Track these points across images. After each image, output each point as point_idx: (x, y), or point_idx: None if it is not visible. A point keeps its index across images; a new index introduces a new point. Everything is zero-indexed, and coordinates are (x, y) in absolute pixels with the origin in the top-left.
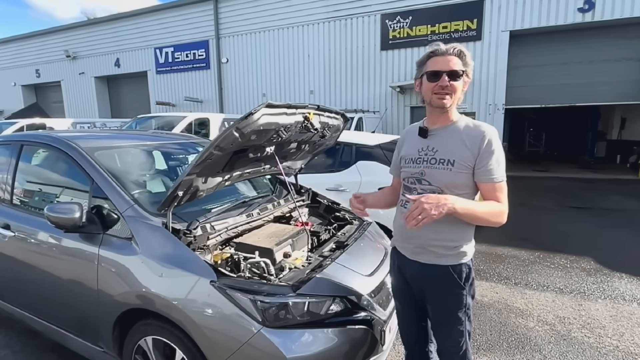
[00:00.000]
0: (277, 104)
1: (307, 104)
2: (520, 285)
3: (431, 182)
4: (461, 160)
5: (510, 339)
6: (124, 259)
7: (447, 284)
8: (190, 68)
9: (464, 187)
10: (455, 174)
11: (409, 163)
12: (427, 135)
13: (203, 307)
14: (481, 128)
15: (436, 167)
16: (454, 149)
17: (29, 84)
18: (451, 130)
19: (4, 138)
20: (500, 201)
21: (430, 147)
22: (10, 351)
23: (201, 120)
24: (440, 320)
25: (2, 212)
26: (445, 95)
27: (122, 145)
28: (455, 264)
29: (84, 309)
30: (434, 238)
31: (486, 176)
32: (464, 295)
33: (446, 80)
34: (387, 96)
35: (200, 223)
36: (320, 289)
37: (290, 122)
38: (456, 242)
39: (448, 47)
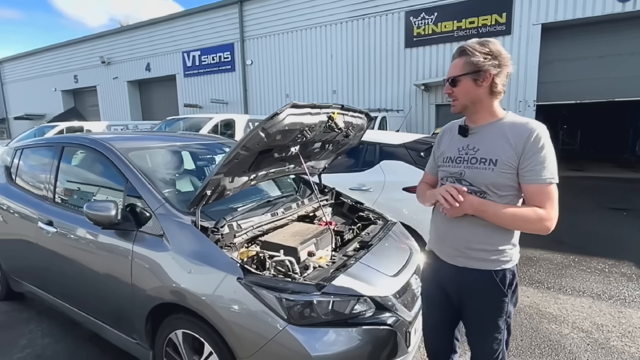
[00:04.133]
0: (302, 104)
1: (331, 103)
2: (554, 289)
3: (472, 182)
4: (504, 160)
5: (542, 345)
6: (155, 255)
7: (488, 290)
8: (216, 70)
9: (508, 188)
10: (498, 174)
11: (447, 162)
12: (468, 133)
13: (230, 303)
14: (528, 125)
15: (477, 167)
16: (496, 147)
17: (68, 89)
18: (494, 128)
19: (47, 140)
20: (543, 206)
21: (471, 146)
22: (53, 339)
23: (227, 122)
24: (478, 327)
25: (46, 210)
26: (453, 102)
27: (153, 146)
28: (498, 269)
29: (119, 302)
30: (473, 241)
31: (530, 177)
32: (506, 303)
33: (448, 87)
34: (411, 94)
35: (227, 221)
36: (344, 289)
37: (315, 122)
38: (498, 246)
39: (455, 50)
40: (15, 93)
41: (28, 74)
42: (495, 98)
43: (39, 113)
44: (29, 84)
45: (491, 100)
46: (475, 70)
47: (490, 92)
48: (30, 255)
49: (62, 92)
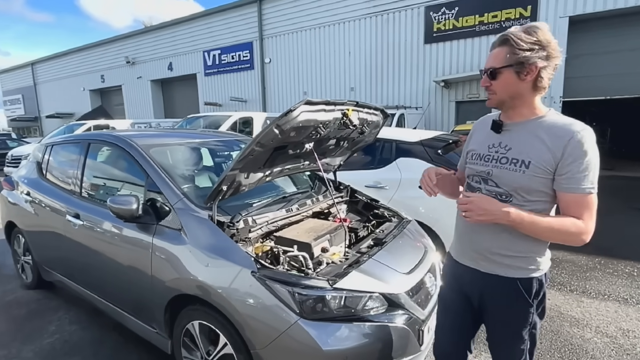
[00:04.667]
0: (316, 100)
1: (346, 100)
2: (577, 292)
3: (499, 183)
4: (538, 163)
5: (563, 349)
6: (174, 248)
7: (512, 299)
8: (235, 69)
9: (539, 193)
10: (530, 178)
11: (475, 159)
12: (502, 130)
13: (244, 296)
14: (572, 127)
15: (506, 168)
16: (530, 148)
17: (95, 88)
18: (531, 127)
19: (74, 137)
20: (582, 217)
21: (503, 144)
22: (79, 327)
23: (245, 119)
24: (500, 337)
25: (73, 203)
26: (489, 95)
27: (173, 143)
28: (524, 277)
29: (140, 292)
30: (497, 246)
31: (569, 185)
32: (531, 314)
33: (485, 79)
34: (430, 91)
35: (242, 216)
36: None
37: (329, 118)
38: (526, 254)
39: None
40: (47, 93)
41: (59, 74)
42: (538, 93)
43: (68, 112)
44: (59, 83)
45: (533, 96)
46: (519, 62)
47: (533, 87)
48: (59, 246)
49: (90, 91)
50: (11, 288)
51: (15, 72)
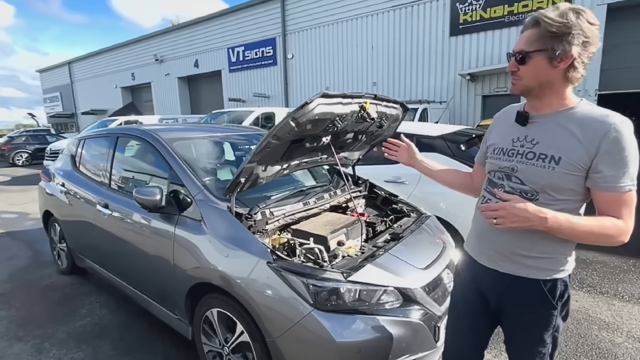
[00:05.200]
0: (333, 93)
1: (364, 93)
2: (608, 295)
3: (524, 180)
4: (570, 159)
5: (590, 353)
6: (194, 238)
7: (535, 301)
8: (258, 65)
9: (569, 192)
10: (560, 176)
11: (498, 154)
12: (527, 122)
13: (261, 286)
14: (608, 119)
15: (533, 164)
16: (561, 142)
17: (126, 86)
18: (561, 119)
19: (104, 131)
20: (620, 216)
21: (530, 137)
22: (109, 311)
23: (267, 115)
24: (520, 340)
25: (103, 194)
26: (514, 81)
27: (196, 137)
28: (548, 279)
29: (163, 280)
30: (520, 246)
31: (606, 183)
32: (554, 316)
33: (513, 64)
34: (455, 85)
35: (260, 209)
36: (371, 279)
37: (346, 111)
38: (551, 254)
39: (529, 18)
40: (82, 90)
41: (93, 73)
42: (570, 84)
43: (102, 108)
44: (93, 81)
45: (564, 86)
46: (553, 48)
47: (565, 76)
48: (90, 234)
49: (121, 88)
50: (48, 273)
51: (54, 71)
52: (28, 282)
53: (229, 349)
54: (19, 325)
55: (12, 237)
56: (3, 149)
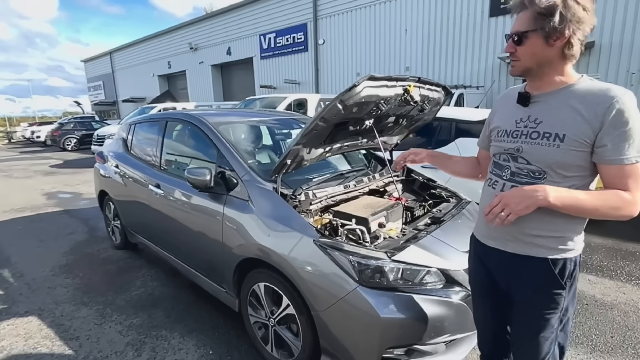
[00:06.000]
0: (379, 76)
1: (408, 76)
2: None
3: (530, 160)
4: (575, 135)
5: (638, 345)
6: (242, 216)
7: (542, 280)
8: (289, 52)
9: (576, 168)
10: (565, 152)
11: (502, 136)
12: (529, 102)
13: (307, 262)
14: (609, 92)
15: (538, 143)
16: (564, 120)
17: (162, 74)
18: (563, 96)
19: (154, 116)
20: (627, 189)
21: (533, 117)
22: (160, 283)
23: (299, 101)
24: (525, 323)
25: (154, 175)
26: (513, 63)
27: (239, 121)
28: (557, 258)
29: (212, 255)
30: (529, 227)
31: (612, 157)
32: (563, 297)
33: (510, 45)
34: (494, 69)
35: (303, 190)
36: (415, 259)
37: (391, 94)
38: (562, 233)
39: None
40: (123, 79)
41: (132, 62)
42: (568, 61)
43: (140, 96)
44: (132, 70)
45: (563, 64)
46: (546, 26)
47: (562, 53)
48: (142, 212)
49: (158, 77)
50: (104, 247)
51: (96, 60)
52: (87, 254)
53: (274, 320)
54: (83, 292)
55: (69, 214)
56: (55, 135)
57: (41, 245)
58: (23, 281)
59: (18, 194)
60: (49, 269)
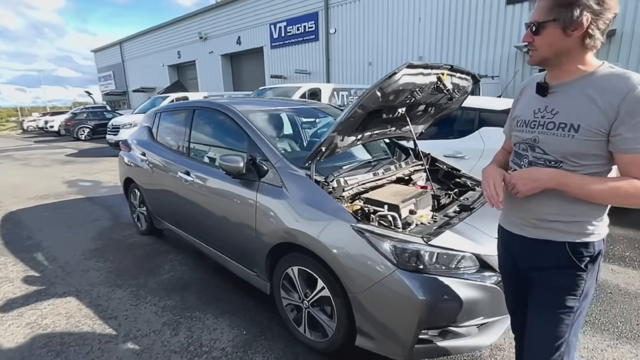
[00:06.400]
0: (417, 64)
1: (442, 64)
2: None
3: (546, 150)
4: (589, 125)
5: None
6: (277, 202)
7: (562, 263)
8: (300, 41)
9: (592, 157)
10: (579, 142)
11: (521, 126)
12: (547, 92)
13: (344, 247)
14: (627, 81)
15: (553, 134)
16: (580, 110)
17: (172, 64)
18: (581, 86)
19: (181, 105)
20: None
21: (550, 107)
22: (188, 268)
23: (313, 90)
24: (543, 305)
25: (183, 162)
26: (531, 52)
27: (266, 109)
28: (576, 242)
29: (244, 241)
30: (547, 212)
31: (626, 145)
32: (583, 280)
33: (528, 34)
34: (510, 58)
35: (335, 177)
36: (450, 244)
37: (426, 82)
38: (579, 218)
39: None
40: (133, 69)
41: (142, 52)
42: (588, 50)
43: (151, 86)
44: (142, 60)
45: (582, 53)
46: (564, 16)
47: (581, 43)
48: (170, 199)
49: (168, 67)
50: (129, 233)
51: (106, 50)
52: (114, 240)
53: (308, 302)
54: (116, 275)
55: (92, 202)
56: (68, 124)
57: (69, 231)
58: (57, 264)
59: (39, 182)
60: (79, 253)
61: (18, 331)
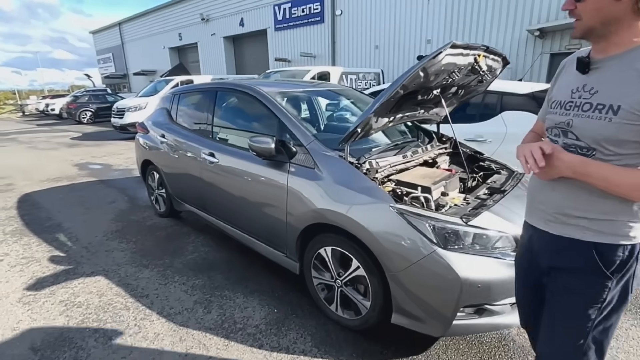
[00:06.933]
0: (459, 44)
1: (478, 44)
2: None
3: (579, 136)
4: (631, 107)
5: None
6: (310, 183)
7: (584, 266)
8: (305, 23)
9: (632, 145)
10: (618, 127)
11: (555, 108)
12: (589, 69)
13: (383, 227)
14: None
15: (588, 116)
16: (623, 89)
17: (173, 46)
18: (629, 60)
19: (202, 86)
20: None
21: (588, 86)
22: (211, 249)
23: (322, 74)
24: (558, 309)
25: (207, 144)
26: (574, 23)
27: (292, 91)
28: (605, 243)
29: (273, 222)
30: (573, 207)
31: None
32: (607, 288)
33: (570, 2)
34: (520, 42)
35: (366, 159)
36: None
37: (464, 63)
38: (611, 216)
39: None
40: (133, 51)
41: (142, 34)
42: None
43: (151, 69)
44: (143, 42)
45: (635, 20)
46: None
47: (634, 8)
48: (192, 181)
49: (169, 49)
50: (148, 215)
51: (105, 32)
52: (134, 221)
53: (341, 281)
54: (141, 256)
55: (105, 184)
56: (70, 107)
57: (87, 213)
58: (80, 245)
59: (49, 165)
60: (101, 234)
61: (53, 308)
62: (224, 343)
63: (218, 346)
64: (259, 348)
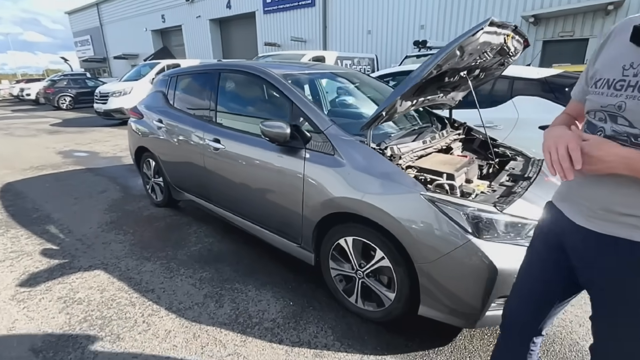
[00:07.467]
0: (497, 21)
1: (510, 23)
2: None
3: (633, 122)
4: None
5: None
6: (330, 171)
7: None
8: (295, 6)
9: None
10: None
11: (601, 87)
12: None
13: (413, 216)
14: None
15: None
16: None
17: (156, 29)
18: None
19: (203, 68)
20: None
21: None
22: (215, 239)
23: (318, 58)
24: (612, 315)
25: (210, 129)
26: None
27: (301, 73)
28: None
29: (287, 212)
30: (622, 203)
31: None
32: None
33: None
34: None
35: (388, 144)
36: (522, 212)
37: (497, 42)
38: None
39: None
40: (113, 34)
41: (122, 15)
42: None
43: (133, 53)
44: (123, 24)
45: None
46: None
47: None
48: (194, 169)
49: (151, 32)
50: (144, 205)
51: (82, 12)
52: (129, 212)
53: (363, 272)
54: (141, 248)
55: (94, 173)
56: (48, 92)
57: (77, 203)
58: (74, 237)
59: (30, 153)
60: (95, 225)
61: (51, 306)
62: (241, 339)
63: (235, 342)
64: (279, 343)
